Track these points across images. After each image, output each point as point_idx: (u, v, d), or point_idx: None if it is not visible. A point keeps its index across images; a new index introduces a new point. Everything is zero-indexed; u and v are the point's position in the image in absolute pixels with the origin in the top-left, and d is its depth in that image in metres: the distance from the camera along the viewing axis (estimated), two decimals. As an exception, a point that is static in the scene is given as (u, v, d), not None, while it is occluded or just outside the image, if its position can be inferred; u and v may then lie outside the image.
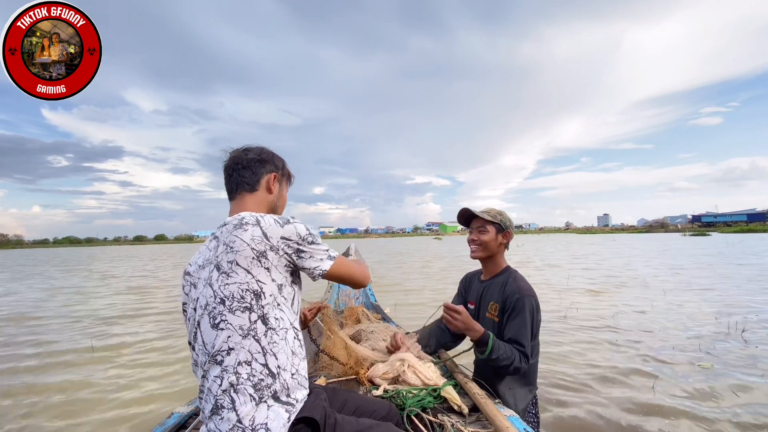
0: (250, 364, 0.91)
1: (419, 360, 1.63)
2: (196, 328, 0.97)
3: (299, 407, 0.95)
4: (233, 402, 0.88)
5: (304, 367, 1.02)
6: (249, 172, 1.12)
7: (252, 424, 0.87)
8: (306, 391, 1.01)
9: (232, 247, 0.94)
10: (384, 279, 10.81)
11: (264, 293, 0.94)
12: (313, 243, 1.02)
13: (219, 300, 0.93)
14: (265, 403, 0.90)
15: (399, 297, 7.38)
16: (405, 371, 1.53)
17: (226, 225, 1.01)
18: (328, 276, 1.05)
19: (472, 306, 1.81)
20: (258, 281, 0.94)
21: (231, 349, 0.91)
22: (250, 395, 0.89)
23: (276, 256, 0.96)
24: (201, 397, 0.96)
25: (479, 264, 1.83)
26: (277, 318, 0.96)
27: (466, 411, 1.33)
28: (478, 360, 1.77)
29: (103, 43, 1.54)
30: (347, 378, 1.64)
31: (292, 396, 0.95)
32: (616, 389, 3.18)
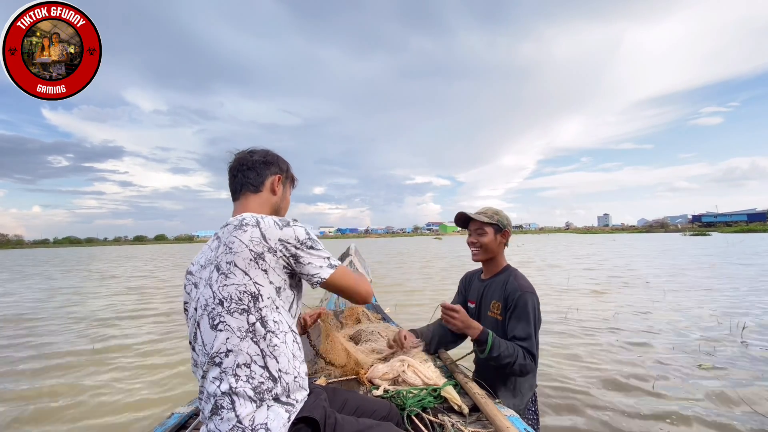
0: (249, 366, 0.90)
1: (419, 360, 1.63)
2: (196, 328, 0.97)
3: (299, 407, 0.95)
4: (233, 403, 0.87)
5: (304, 370, 1.01)
6: (254, 173, 1.12)
7: (252, 424, 0.86)
8: (306, 392, 1.01)
9: (230, 248, 0.94)
10: (384, 279, 10.81)
11: (261, 296, 0.93)
12: (313, 248, 0.99)
13: (218, 301, 0.93)
14: (265, 404, 0.90)
15: (400, 297, 7.38)
16: (405, 371, 1.53)
17: (227, 225, 1.01)
18: (327, 285, 1.02)
19: (472, 305, 1.81)
20: (255, 283, 0.93)
21: (229, 351, 0.90)
22: (249, 397, 0.88)
23: (274, 258, 0.94)
24: (201, 398, 0.95)
25: (479, 263, 1.82)
26: (276, 321, 0.95)
27: (466, 411, 1.33)
28: (478, 359, 1.76)
29: (103, 43, 1.53)
30: (347, 378, 1.64)
31: (292, 396, 0.95)
32: (616, 389, 3.18)
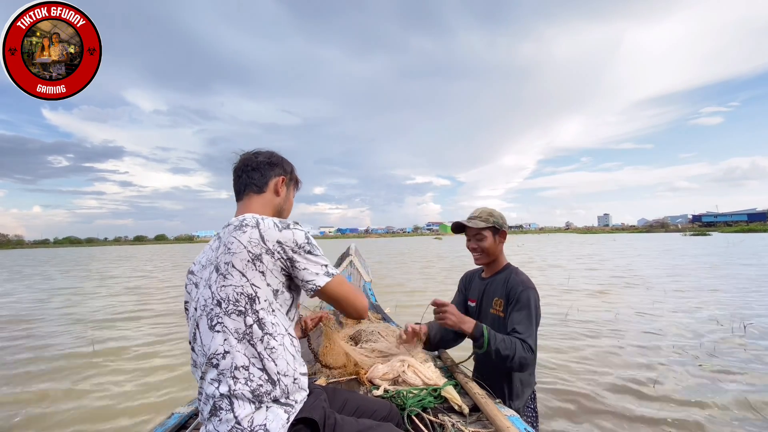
0: (247, 368, 0.89)
1: (420, 360, 1.63)
2: (195, 328, 0.96)
3: (298, 408, 0.95)
4: (231, 404, 0.87)
5: (303, 371, 1.01)
6: (258, 174, 1.12)
7: (251, 425, 0.86)
8: (305, 393, 1.00)
9: (229, 249, 0.94)
10: (385, 279, 10.80)
11: (258, 298, 0.92)
12: (311, 254, 0.98)
13: (216, 302, 0.92)
14: (264, 405, 0.89)
15: (400, 298, 7.38)
16: (405, 371, 1.53)
17: (228, 225, 1.01)
18: (321, 293, 0.99)
19: (472, 303, 1.81)
20: (252, 285, 0.92)
21: (227, 353, 0.89)
22: (248, 399, 0.88)
23: (272, 260, 0.94)
24: (199, 399, 0.95)
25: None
26: (274, 323, 0.94)
27: (466, 411, 1.33)
28: (478, 357, 1.76)
29: (103, 43, 1.54)
30: (348, 378, 1.64)
31: (291, 398, 0.94)
32: (616, 389, 3.17)
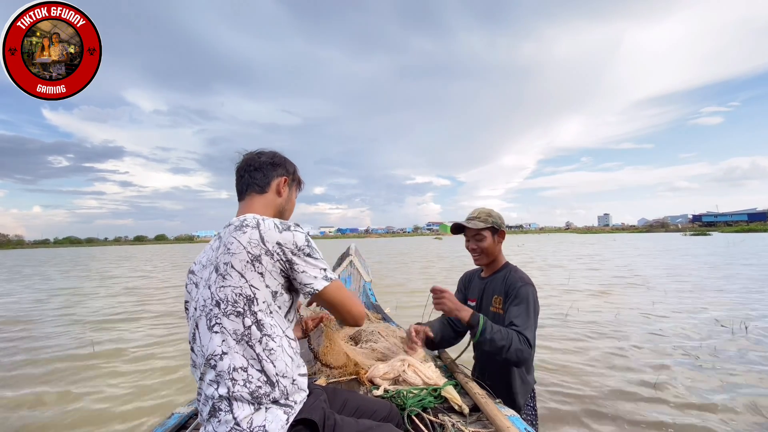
0: (246, 370, 0.89)
1: (420, 360, 1.63)
2: (195, 329, 0.96)
3: (298, 409, 0.94)
4: (230, 405, 0.87)
5: (302, 372, 1.01)
6: (260, 174, 1.11)
7: (250, 426, 0.86)
8: (305, 393, 1.00)
9: (229, 249, 0.93)
10: (385, 280, 10.79)
11: (257, 299, 0.92)
12: (310, 256, 0.97)
13: (215, 302, 0.92)
14: (263, 407, 0.89)
15: (401, 298, 7.36)
16: (405, 371, 1.53)
17: (229, 225, 1.00)
18: (318, 298, 0.99)
19: (472, 303, 1.82)
20: (251, 286, 0.91)
21: (224, 354, 0.89)
22: (247, 401, 0.88)
23: (271, 261, 0.93)
24: (199, 399, 0.95)
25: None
26: (272, 325, 0.94)
27: (466, 411, 1.33)
28: (478, 356, 1.78)
29: (103, 44, 1.53)
30: (348, 378, 1.64)
31: (290, 399, 0.94)
32: (617, 390, 3.17)
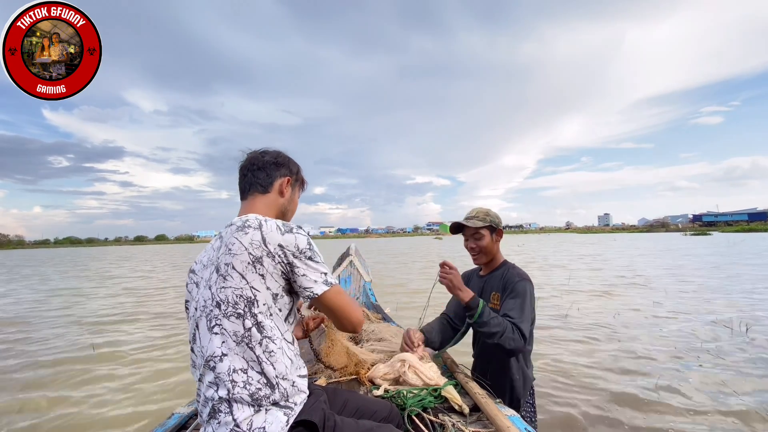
0: (246, 372, 0.89)
1: (420, 360, 1.62)
2: (195, 329, 0.96)
3: (298, 410, 0.94)
4: (230, 407, 0.87)
5: (302, 373, 1.00)
6: (263, 173, 1.11)
7: (250, 428, 0.86)
8: (305, 395, 0.99)
9: (230, 250, 0.93)
10: (386, 280, 10.78)
11: (257, 301, 0.91)
12: (311, 260, 0.96)
13: (215, 303, 0.91)
14: (263, 408, 0.89)
15: (401, 298, 7.36)
16: (405, 371, 1.53)
17: (231, 225, 1.00)
18: (317, 303, 0.98)
19: None
20: (252, 288, 0.91)
21: (224, 355, 0.89)
22: (247, 403, 0.87)
23: (272, 263, 0.92)
24: (198, 400, 0.94)
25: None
26: (272, 327, 0.93)
27: (466, 411, 1.33)
28: (476, 353, 1.82)
29: (104, 44, 1.53)
30: (348, 378, 1.64)
31: (290, 400, 0.93)
32: (617, 389, 3.17)
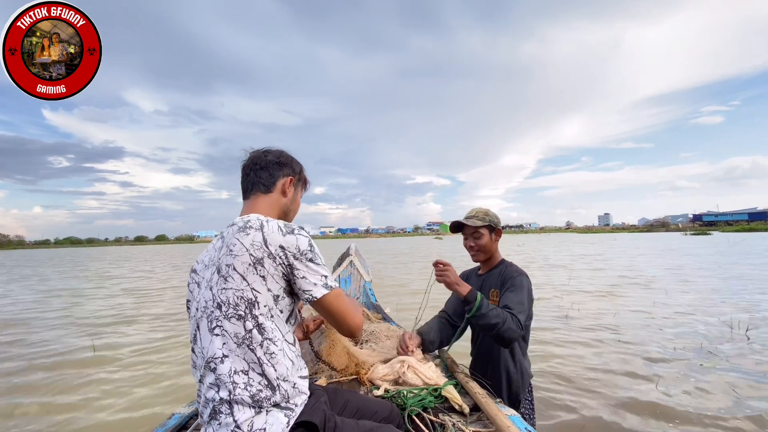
0: (246, 373, 0.88)
1: (419, 360, 1.62)
2: (196, 329, 0.96)
3: (299, 411, 0.94)
4: (231, 408, 0.87)
5: (303, 374, 1.00)
6: (266, 173, 1.10)
7: (250, 429, 0.86)
8: (306, 396, 0.99)
9: (231, 250, 0.92)
10: (386, 280, 10.77)
11: (258, 303, 0.90)
12: (312, 262, 0.95)
13: (216, 304, 0.91)
14: (264, 410, 0.89)
15: (402, 298, 7.34)
16: (405, 372, 1.53)
17: (233, 225, 0.99)
18: (316, 306, 0.97)
19: None
20: (253, 289, 0.90)
21: (225, 357, 0.88)
22: (248, 404, 0.87)
23: (273, 264, 0.92)
24: (198, 401, 0.94)
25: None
26: (273, 329, 0.93)
27: (467, 410, 1.33)
28: (475, 351, 1.83)
29: (103, 44, 1.53)
30: (348, 378, 1.64)
31: (291, 401, 0.93)
32: (617, 389, 3.17)
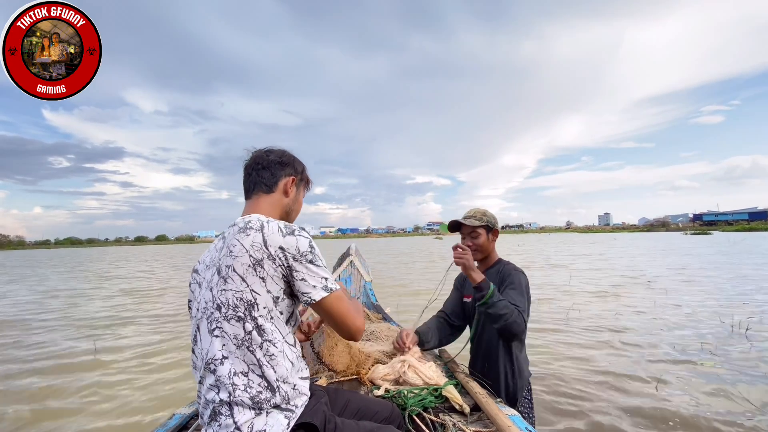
0: (246, 375, 0.88)
1: (420, 360, 1.62)
2: (196, 330, 0.95)
3: (299, 413, 0.93)
4: (231, 410, 0.86)
5: (304, 375, 0.99)
6: (268, 173, 1.09)
7: (250, 431, 0.86)
8: (306, 397, 0.98)
9: (231, 251, 0.91)
10: (386, 280, 10.77)
11: (257, 304, 0.90)
12: (312, 263, 0.94)
13: (216, 306, 0.91)
14: (264, 411, 0.88)
15: (402, 298, 7.35)
16: (406, 371, 1.53)
17: (234, 226, 0.98)
18: (316, 308, 0.96)
19: (468, 299, 1.89)
20: (252, 291, 0.89)
21: (225, 358, 0.88)
22: (248, 406, 0.87)
23: (273, 265, 0.91)
24: (199, 402, 0.94)
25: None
26: (273, 330, 0.92)
27: (467, 410, 1.33)
28: (474, 349, 1.84)
29: (103, 44, 1.53)
30: (349, 378, 1.64)
31: (291, 403, 0.93)
32: (618, 389, 3.17)
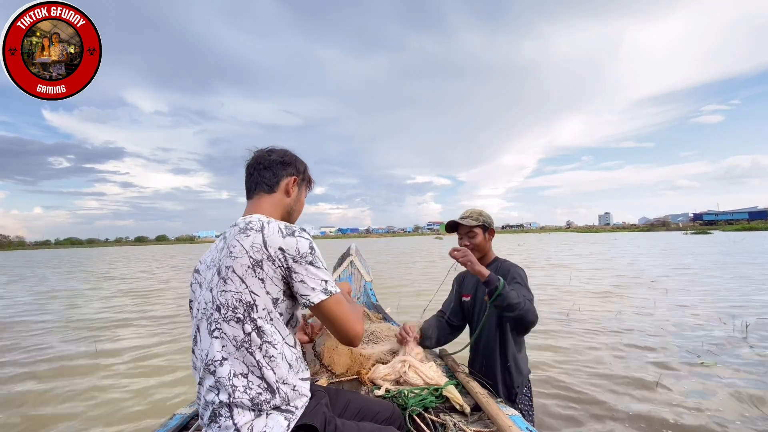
0: (246, 376, 0.88)
1: (420, 360, 1.63)
2: (196, 331, 0.95)
3: (299, 414, 0.93)
4: (231, 411, 0.86)
5: (304, 376, 0.99)
6: (270, 173, 1.08)
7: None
8: (306, 398, 0.98)
9: (231, 252, 0.91)
10: (387, 280, 10.77)
11: (256, 306, 0.89)
12: (312, 265, 0.93)
13: (215, 307, 0.90)
14: (264, 413, 0.88)
15: (402, 298, 7.35)
16: (406, 371, 1.53)
17: (235, 226, 0.98)
18: (315, 311, 0.95)
19: (467, 299, 1.89)
20: (251, 292, 0.89)
21: (224, 359, 0.88)
22: (248, 408, 0.87)
23: (272, 267, 0.90)
24: (199, 403, 0.94)
25: None
26: (273, 332, 0.92)
27: (468, 410, 1.33)
28: (473, 348, 1.84)
29: (103, 44, 1.53)
30: (350, 378, 1.64)
31: (291, 404, 0.93)
32: (617, 389, 3.17)
